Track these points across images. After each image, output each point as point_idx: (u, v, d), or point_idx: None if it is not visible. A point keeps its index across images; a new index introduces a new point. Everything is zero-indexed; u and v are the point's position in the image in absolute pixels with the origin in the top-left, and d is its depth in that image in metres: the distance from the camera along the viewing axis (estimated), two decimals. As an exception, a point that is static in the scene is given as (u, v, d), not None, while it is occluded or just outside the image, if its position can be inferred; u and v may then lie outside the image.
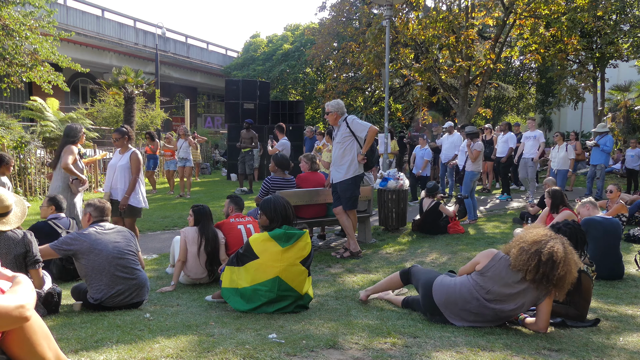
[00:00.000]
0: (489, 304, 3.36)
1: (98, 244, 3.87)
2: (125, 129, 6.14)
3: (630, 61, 18.28)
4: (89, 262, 3.85)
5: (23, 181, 10.82)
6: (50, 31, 12.00)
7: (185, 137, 12.05)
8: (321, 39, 21.64)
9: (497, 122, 20.79)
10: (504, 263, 3.35)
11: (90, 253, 3.84)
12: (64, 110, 17.82)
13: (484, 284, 3.37)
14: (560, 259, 3.20)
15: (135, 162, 5.94)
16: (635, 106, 19.57)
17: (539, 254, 3.21)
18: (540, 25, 14.10)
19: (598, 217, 5.16)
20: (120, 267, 3.90)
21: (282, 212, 3.91)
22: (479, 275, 3.41)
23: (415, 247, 6.82)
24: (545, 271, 3.19)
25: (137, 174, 5.93)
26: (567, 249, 3.30)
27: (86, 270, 3.88)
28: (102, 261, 3.84)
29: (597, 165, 10.98)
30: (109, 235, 3.98)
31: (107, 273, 3.85)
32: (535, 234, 3.35)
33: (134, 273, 3.98)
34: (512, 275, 3.31)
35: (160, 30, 27.54)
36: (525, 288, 3.30)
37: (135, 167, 5.94)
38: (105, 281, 3.84)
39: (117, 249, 3.93)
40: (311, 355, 2.83)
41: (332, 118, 6.19)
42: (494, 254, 3.44)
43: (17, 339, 2.00)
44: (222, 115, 31.09)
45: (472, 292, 3.39)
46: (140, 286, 4.00)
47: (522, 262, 3.24)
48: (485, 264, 3.39)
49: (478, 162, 8.54)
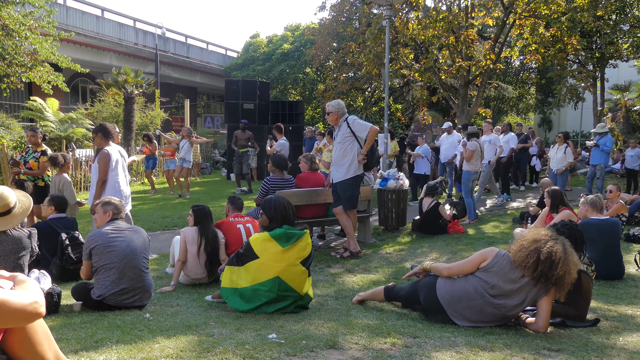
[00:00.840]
0: (493, 300, 3.38)
1: (112, 241, 3.90)
2: (102, 127, 5.59)
3: (630, 61, 18.28)
4: (101, 258, 3.87)
5: (23, 181, 10.81)
6: (50, 31, 11.99)
7: (188, 137, 12.06)
8: (321, 39, 21.63)
9: (497, 122, 20.79)
10: (507, 259, 3.41)
11: (104, 250, 3.87)
12: (63, 110, 17.86)
13: (489, 279, 3.41)
14: (559, 259, 3.22)
15: (101, 163, 5.38)
16: (634, 106, 19.60)
17: (537, 252, 3.25)
18: (540, 25, 14.09)
19: (593, 219, 5.16)
20: (130, 266, 3.90)
21: (281, 212, 3.91)
22: (483, 271, 3.45)
23: (415, 247, 6.82)
24: (543, 270, 3.23)
25: (102, 175, 5.38)
26: (567, 249, 3.32)
27: (97, 266, 3.90)
28: (113, 258, 3.86)
29: (597, 165, 10.97)
30: (124, 234, 4.00)
31: (116, 270, 3.86)
32: (536, 233, 3.40)
33: (142, 275, 3.98)
34: (515, 271, 3.36)
35: (160, 30, 27.52)
36: (526, 283, 3.34)
37: (101, 168, 5.38)
38: (112, 278, 3.85)
39: (130, 248, 3.94)
40: (311, 355, 2.83)
41: (332, 118, 6.19)
42: (496, 251, 3.50)
43: (18, 339, 2.00)
44: (221, 116, 31.08)
45: (476, 288, 3.42)
46: (144, 290, 4.00)
47: (521, 258, 3.30)
48: (490, 260, 3.45)
49: (476, 162, 8.53)
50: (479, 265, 3.49)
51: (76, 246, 5.05)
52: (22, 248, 3.75)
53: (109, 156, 5.43)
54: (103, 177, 5.39)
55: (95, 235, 3.95)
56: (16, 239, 3.70)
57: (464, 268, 3.56)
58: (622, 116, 19.74)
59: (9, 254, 3.66)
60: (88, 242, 3.94)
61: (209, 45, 32.98)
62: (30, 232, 3.90)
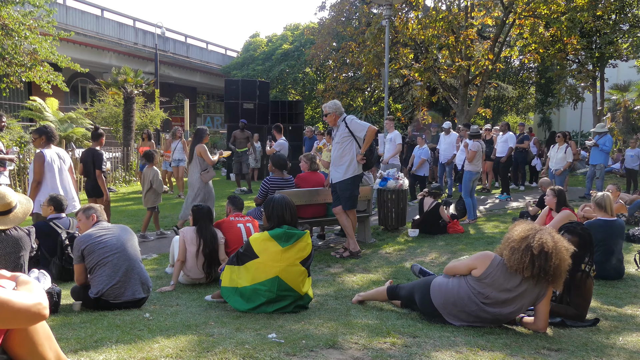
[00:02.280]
0: (488, 308, 3.36)
1: (101, 238, 3.94)
2: (43, 129, 5.72)
3: (630, 61, 18.27)
4: (94, 257, 3.89)
5: (22, 181, 10.81)
6: (49, 31, 11.97)
7: (180, 138, 12.09)
8: (321, 38, 21.60)
9: (497, 122, 20.79)
10: (502, 268, 3.32)
11: (95, 248, 3.89)
12: (63, 110, 17.85)
13: (483, 290, 3.35)
14: (551, 248, 3.21)
15: (35, 165, 5.54)
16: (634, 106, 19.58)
17: (529, 249, 3.22)
18: (540, 25, 14.09)
19: (600, 220, 5.14)
20: (123, 258, 3.93)
21: (278, 213, 3.90)
22: (477, 281, 3.37)
23: (415, 246, 6.82)
24: (540, 264, 3.19)
25: (36, 176, 5.51)
26: (555, 237, 3.31)
27: (91, 265, 3.92)
28: (106, 253, 3.88)
29: (597, 165, 10.97)
30: (111, 230, 4.04)
31: (110, 264, 3.88)
32: (521, 231, 3.34)
33: (136, 266, 4.00)
34: (511, 279, 3.30)
35: (159, 30, 27.50)
36: (524, 290, 3.29)
37: (35, 170, 5.51)
38: (107, 272, 3.87)
39: (120, 242, 3.98)
40: (311, 355, 2.82)
41: (330, 119, 6.20)
42: (491, 258, 3.39)
43: (19, 339, 1.99)
44: (221, 115, 31.08)
45: (470, 297, 3.38)
46: (141, 282, 4.01)
47: (516, 261, 3.25)
48: (483, 271, 3.35)
49: (477, 162, 8.54)
50: (470, 269, 3.43)
51: (76, 246, 5.05)
52: (22, 247, 3.76)
53: (43, 157, 5.63)
54: (37, 178, 5.58)
55: (83, 237, 3.98)
56: (16, 238, 3.71)
57: (457, 268, 3.54)
58: (621, 116, 19.73)
59: (9, 253, 3.66)
60: (78, 245, 3.96)
61: (208, 45, 32.95)
62: (29, 231, 3.91)
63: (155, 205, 7.50)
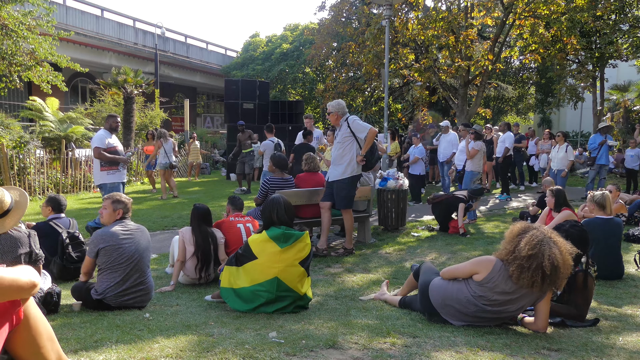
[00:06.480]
0: (488, 308, 3.36)
1: (122, 243, 3.88)
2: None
3: (630, 61, 18.25)
4: (108, 259, 3.86)
5: (22, 181, 10.82)
6: (49, 31, 11.96)
7: (166, 139, 11.81)
8: (320, 38, 21.60)
9: (497, 122, 20.78)
10: (503, 273, 3.28)
11: (112, 252, 3.86)
12: (63, 110, 17.82)
13: (484, 294, 3.33)
14: (560, 261, 3.16)
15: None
16: (634, 106, 19.58)
17: (540, 267, 3.13)
18: (540, 25, 14.08)
19: (598, 219, 5.13)
20: (135, 269, 3.91)
21: (269, 213, 3.90)
22: (478, 285, 3.35)
23: (415, 246, 6.82)
24: (552, 279, 3.17)
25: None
26: (560, 245, 3.24)
27: (103, 266, 3.89)
28: (121, 260, 3.85)
29: (603, 165, 10.88)
30: (133, 235, 3.98)
31: (122, 272, 3.85)
32: (527, 244, 3.20)
33: (145, 277, 3.99)
34: (513, 284, 3.26)
35: (159, 30, 27.49)
36: (525, 293, 3.28)
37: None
38: (116, 279, 3.85)
39: (137, 251, 3.94)
40: (311, 355, 2.82)
41: (333, 118, 6.21)
42: (492, 263, 3.34)
43: (22, 340, 1.99)
44: (221, 115, 31.07)
45: (469, 299, 3.37)
46: (146, 291, 4.00)
47: (527, 279, 3.16)
48: (485, 276, 3.31)
49: (478, 162, 8.54)
50: (471, 274, 3.40)
51: (77, 245, 5.05)
52: (20, 247, 3.73)
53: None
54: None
55: (105, 235, 3.89)
56: (15, 238, 3.68)
57: (457, 273, 3.52)
58: (621, 116, 19.73)
59: (7, 253, 3.65)
60: (97, 241, 3.88)
61: (208, 45, 32.95)
62: (29, 233, 3.85)
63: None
